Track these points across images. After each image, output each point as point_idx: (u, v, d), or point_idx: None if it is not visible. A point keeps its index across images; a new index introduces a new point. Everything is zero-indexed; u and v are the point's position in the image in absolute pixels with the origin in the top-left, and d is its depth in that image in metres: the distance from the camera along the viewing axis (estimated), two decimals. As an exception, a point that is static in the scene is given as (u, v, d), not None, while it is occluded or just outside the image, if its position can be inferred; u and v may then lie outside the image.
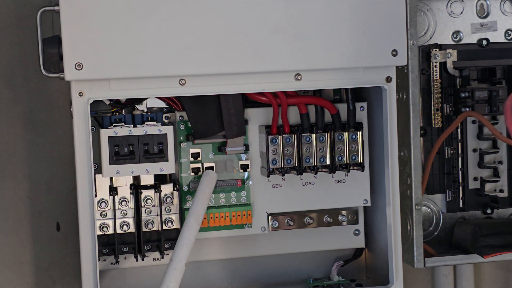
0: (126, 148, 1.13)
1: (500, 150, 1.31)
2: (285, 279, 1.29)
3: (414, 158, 1.22)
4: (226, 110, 1.17)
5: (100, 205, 1.17)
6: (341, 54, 1.13)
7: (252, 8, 1.10)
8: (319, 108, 1.20)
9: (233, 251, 1.25)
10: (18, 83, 1.35)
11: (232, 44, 1.09)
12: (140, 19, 1.07)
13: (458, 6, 1.32)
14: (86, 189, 1.09)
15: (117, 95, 1.10)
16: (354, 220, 1.25)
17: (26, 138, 1.36)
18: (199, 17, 1.09)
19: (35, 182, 1.36)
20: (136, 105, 1.18)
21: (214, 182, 1.18)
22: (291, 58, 1.12)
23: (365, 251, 1.30)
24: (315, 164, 1.19)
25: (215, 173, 1.18)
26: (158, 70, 1.08)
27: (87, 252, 1.09)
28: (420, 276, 1.51)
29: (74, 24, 1.06)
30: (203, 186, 1.16)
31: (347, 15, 1.12)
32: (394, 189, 1.18)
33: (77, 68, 1.06)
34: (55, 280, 1.38)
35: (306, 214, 1.23)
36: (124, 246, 1.18)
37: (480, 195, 1.31)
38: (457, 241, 1.32)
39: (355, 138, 1.20)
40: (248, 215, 1.21)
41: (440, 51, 1.27)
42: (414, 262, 1.24)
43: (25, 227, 1.37)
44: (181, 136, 1.20)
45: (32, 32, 1.31)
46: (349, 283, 1.26)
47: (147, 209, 1.18)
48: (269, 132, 1.18)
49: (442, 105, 1.29)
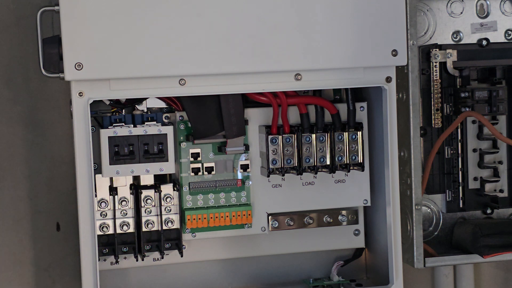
0: (126, 148, 1.13)
1: (500, 150, 1.31)
2: (285, 279, 1.29)
3: (414, 158, 1.22)
4: (226, 110, 1.17)
5: (100, 205, 1.17)
6: (341, 54, 1.13)
7: (252, 8, 1.10)
8: (319, 108, 1.20)
9: (233, 251, 1.25)
10: (18, 83, 1.35)
11: (232, 44, 1.09)
12: (140, 19, 1.07)
13: (458, 6, 1.32)
14: (86, 189, 1.09)
15: (117, 95, 1.10)
16: (354, 220, 1.25)
17: (26, 138, 1.36)
18: (199, 17, 1.09)
19: (35, 182, 1.36)
20: (136, 105, 1.18)
21: None
22: (291, 58, 1.11)
23: (365, 251, 1.30)
24: (315, 164, 1.19)
25: None
26: (158, 70, 1.08)
27: (87, 252, 1.09)
28: (420, 276, 1.51)
29: (74, 24, 1.06)
30: None
31: (347, 15, 1.12)
32: (394, 189, 1.18)
33: (77, 68, 1.06)
34: (55, 280, 1.38)
35: (306, 214, 1.23)
36: (124, 246, 1.18)
37: (480, 195, 1.31)
38: (457, 241, 1.32)
39: (355, 138, 1.20)
40: (248, 215, 1.21)
41: (440, 51, 1.27)
42: (414, 262, 1.24)
43: (25, 227, 1.37)
44: (181, 136, 1.20)
45: (32, 32, 1.31)
46: (349, 283, 1.26)
47: (147, 209, 1.18)
48: (269, 132, 1.18)
49: (442, 105, 1.29)
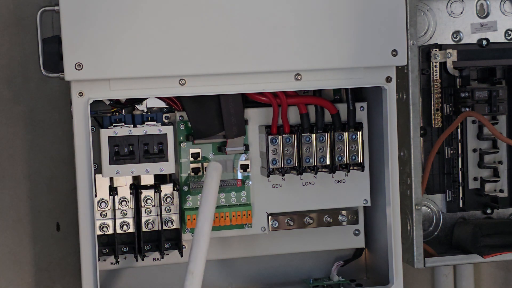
0: (126, 148, 1.13)
1: (500, 150, 1.31)
2: (285, 279, 1.29)
3: (414, 158, 1.22)
4: (226, 110, 1.17)
5: (100, 205, 1.17)
6: (341, 54, 1.13)
7: (252, 8, 1.10)
8: (319, 108, 1.20)
9: (233, 251, 1.25)
10: (18, 83, 1.35)
11: (232, 44, 1.09)
12: (140, 19, 1.07)
13: (458, 6, 1.32)
14: (86, 189, 1.09)
15: (117, 95, 1.10)
16: (354, 220, 1.25)
17: (26, 138, 1.36)
18: (199, 17, 1.09)
19: (35, 182, 1.36)
20: (136, 105, 1.18)
21: (220, 175, 1.14)
22: (291, 58, 1.11)
23: (365, 251, 1.30)
24: (315, 164, 1.19)
25: (219, 165, 1.15)
26: (158, 70, 1.08)
27: (87, 252, 1.09)
28: (420, 276, 1.51)
29: (74, 24, 1.06)
30: (211, 183, 1.12)
31: (347, 15, 1.12)
32: (394, 189, 1.18)
33: (77, 68, 1.06)
34: (55, 280, 1.38)
35: (306, 214, 1.23)
36: (124, 246, 1.18)
37: (480, 195, 1.31)
38: (457, 241, 1.32)
39: (355, 138, 1.20)
40: (248, 215, 1.21)
41: (440, 51, 1.27)
42: (414, 262, 1.24)
43: (25, 227, 1.37)
44: (181, 136, 1.20)
45: (32, 32, 1.31)
46: (349, 283, 1.26)
47: (147, 209, 1.18)
48: (269, 132, 1.18)
49: (442, 105, 1.29)
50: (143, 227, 1.18)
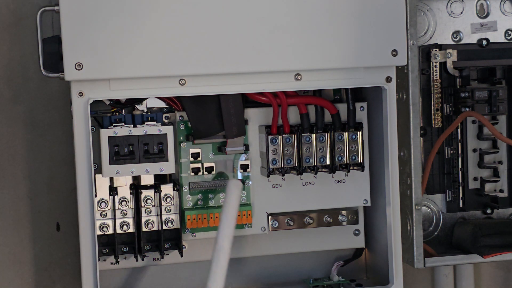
0: (126, 148, 1.13)
1: (500, 150, 1.31)
2: (285, 279, 1.29)
3: (414, 158, 1.22)
4: (226, 110, 1.17)
5: (100, 205, 1.17)
6: (341, 54, 1.13)
7: (252, 8, 1.10)
8: (319, 108, 1.20)
9: (233, 251, 1.25)
10: (18, 83, 1.35)
11: (232, 44, 1.09)
12: (140, 19, 1.07)
13: (458, 6, 1.32)
14: (86, 189, 1.09)
15: (117, 95, 1.10)
16: (354, 220, 1.25)
17: (26, 138, 1.36)
18: (199, 17, 1.09)
19: (35, 182, 1.36)
20: (136, 105, 1.18)
21: (241, 192, 1.15)
22: (291, 58, 1.11)
23: (365, 251, 1.30)
24: (315, 164, 1.19)
25: (240, 183, 1.15)
26: (158, 70, 1.08)
27: (87, 252, 1.09)
28: (420, 276, 1.50)
29: (74, 24, 1.06)
30: (231, 200, 1.11)
31: (347, 15, 1.12)
32: (394, 189, 1.18)
33: (77, 68, 1.06)
34: (55, 280, 1.38)
35: (306, 214, 1.23)
36: (124, 246, 1.18)
37: (480, 195, 1.31)
38: (457, 241, 1.32)
39: (355, 138, 1.20)
40: (248, 215, 1.21)
41: (440, 51, 1.27)
42: (414, 262, 1.24)
43: (25, 227, 1.37)
44: (181, 136, 1.20)
45: (32, 32, 1.31)
46: (349, 283, 1.26)
47: (147, 209, 1.18)
48: (269, 132, 1.18)
49: (442, 105, 1.29)
50: (143, 227, 1.18)
